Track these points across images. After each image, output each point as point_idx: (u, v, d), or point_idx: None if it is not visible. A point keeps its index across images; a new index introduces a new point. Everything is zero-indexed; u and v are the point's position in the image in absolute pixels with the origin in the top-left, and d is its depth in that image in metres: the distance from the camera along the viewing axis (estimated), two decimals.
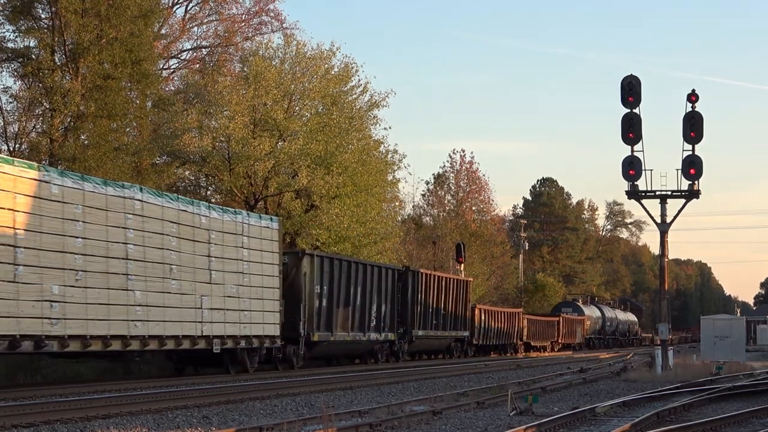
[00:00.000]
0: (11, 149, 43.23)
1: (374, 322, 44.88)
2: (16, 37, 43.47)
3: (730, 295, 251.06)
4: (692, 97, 42.22)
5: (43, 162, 43.44)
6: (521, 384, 32.99)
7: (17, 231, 23.96)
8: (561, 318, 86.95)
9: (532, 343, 77.51)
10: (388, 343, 47.50)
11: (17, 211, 24.03)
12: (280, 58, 52.59)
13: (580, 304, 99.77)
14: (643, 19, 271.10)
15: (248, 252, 33.81)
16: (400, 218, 69.89)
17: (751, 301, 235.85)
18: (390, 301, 46.67)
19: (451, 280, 56.90)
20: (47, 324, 24.68)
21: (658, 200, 42.82)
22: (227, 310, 32.43)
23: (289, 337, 37.41)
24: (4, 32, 43.42)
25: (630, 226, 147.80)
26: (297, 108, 52.36)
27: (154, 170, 47.73)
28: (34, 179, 24.74)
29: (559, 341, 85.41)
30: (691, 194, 42.45)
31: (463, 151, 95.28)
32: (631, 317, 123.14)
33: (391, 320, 46.97)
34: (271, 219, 36.00)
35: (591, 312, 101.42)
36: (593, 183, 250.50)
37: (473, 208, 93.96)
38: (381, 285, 45.56)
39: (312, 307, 38.73)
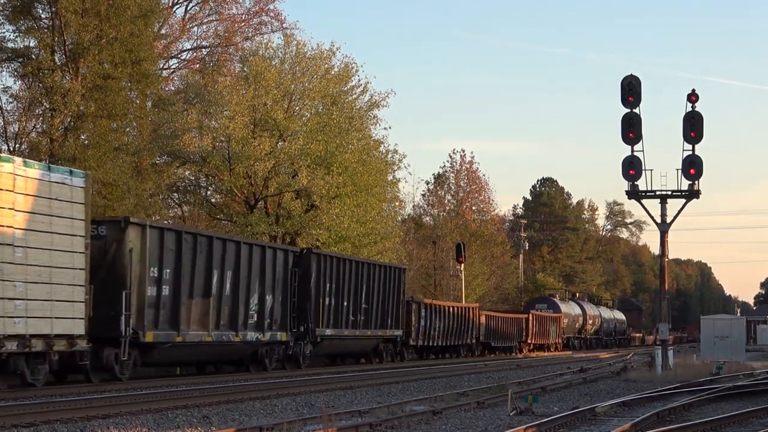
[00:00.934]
0: (11, 149, 43.23)
1: (254, 318, 35.72)
2: (16, 37, 43.52)
3: (730, 295, 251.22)
4: (692, 97, 42.24)
5: (44, 162, 43.49)
6: (521, 384, 32.99)
7: None
8: (530, 315, 77.33)
9: (493, 344, 68.30)
10: (281, 346, 38.01)
11: None
12: (280, 58, 52.64)
13: (557, 300, 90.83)
14: (643, 19, 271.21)
15: (23, 217, 24.42)
16: (400, 218, 69.90)
17: (751, 301, 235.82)
18: (281, 291, 37.62)
19: (377, 266, 46.49)
20: None
21: (658, 200, 42.83)
22: None
23: (105, 338, 28.05)
24: (4, 32, 43.47)
25: (630, 226, 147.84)
26: (297, 108, 52.40)
27: (154, 170, 47.73)
28: None
29: (529, 341, 76.14)
30: (691, 194, 42.45)
31: (463, 151, 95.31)
32: (619, 316, 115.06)
33: (283, 315, 37.82)
34: (71, 172, 26.65)
35: (569, 309, 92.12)
36: (593, 183, 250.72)
37: (473, 208, 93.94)
38: (266, 270, 36.32)
39: (143, 297, 29.45)
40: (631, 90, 41.81)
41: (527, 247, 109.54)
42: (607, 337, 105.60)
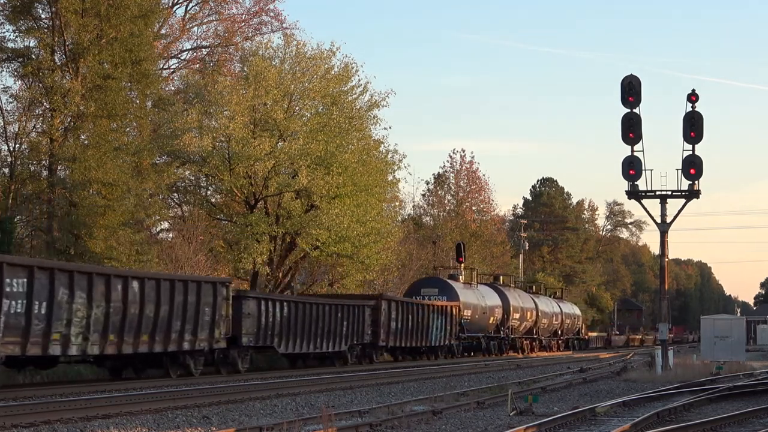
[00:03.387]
0: (11, 149, 43.24)
1: None
2: (16, 37, 43.53)
3: (730, 295, 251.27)
4: (692, 97, 42.25)
5: (44, 162, 43.49)
6: (521, 384, 32.99)
7: None
8: (384, 303, 48.73)
9: (295, 349, 40.79)
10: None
11: None
12: (280, 58, 52.58)
13: (455, 283, 62.58)
14: (643, 19, 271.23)
15: None
16: (400, 218, 69.85)
17: (751, 301, 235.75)
18: None
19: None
20: None
21: (658, 200, 42.84)
22: None
23: None
24: (4, 32, 43.48)
25: (630, 226, 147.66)
26: (297, 108, 52.35)
27: (154, 170, 47.70)
28: None
29: (386, 341, 48.92)
30: (691, 194, 42.45)
31: (463, 151, 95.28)
32: (570, 309, 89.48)
33: None
34: None
35: (476, 298, 63.82)
36: (593, 183, 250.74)
37: (473, 208, 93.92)
38: None
39: None
40: (631, 90, 41.81)
41: (527, 247, 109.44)
42: (549, 337, 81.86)
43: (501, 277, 76.84)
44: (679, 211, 43.09)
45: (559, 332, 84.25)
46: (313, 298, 44.77)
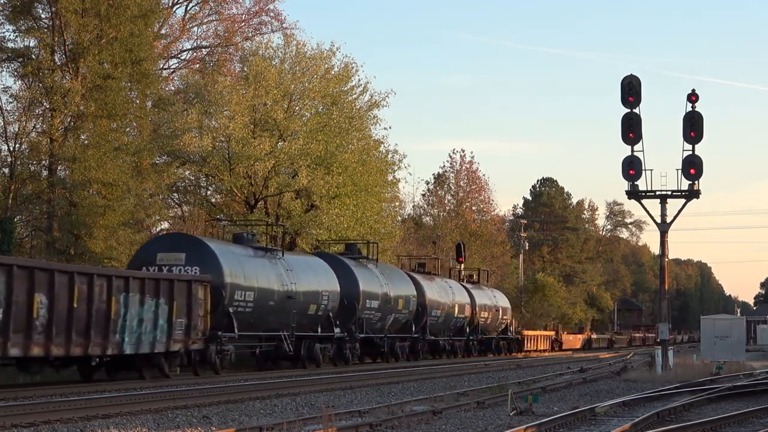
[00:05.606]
0: (11, 149, 43.23)
1: None
2: (16, 37, 43.55)
3: (730, 295, 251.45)
4: (692, 97, 42.25)
5: (44, 162, 43.50)
6: (521, 384, 32.99)
7: None
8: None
9: None
10: None
11: None
12: (280, 58, 52.64)
13: (252, 250, 38.14)
14: (643, 19, 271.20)
15: None
16: (400, 218, 69.86)
17: (751, 301, 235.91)
18: None
19: None
20: None
21: (658, 200, 42.83)
22: None
23: None
24: (4, 32, 43.49)
25: (630, 226, 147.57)
26: (297, 108, 52.39)
27: (154, 170, 47.72)
28: None
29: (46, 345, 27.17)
30: (691, 194, 42.45)
31: (463, 151, 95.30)
32: (497, 301, 66.73)
33: None
34: None
35: (272, 267, 38.32)
36: (593, 183, 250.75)
37: (473, 208, 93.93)
38: None
39: None
40: (631, 90, 41.81)
41: (527, 247, 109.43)
42: (457, 338, 59.27)
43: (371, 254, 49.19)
44: (679, 211, 43.12)
45: (466, 329, 60.65)
46: None
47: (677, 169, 42.47)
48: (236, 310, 34.99)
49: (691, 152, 42.29)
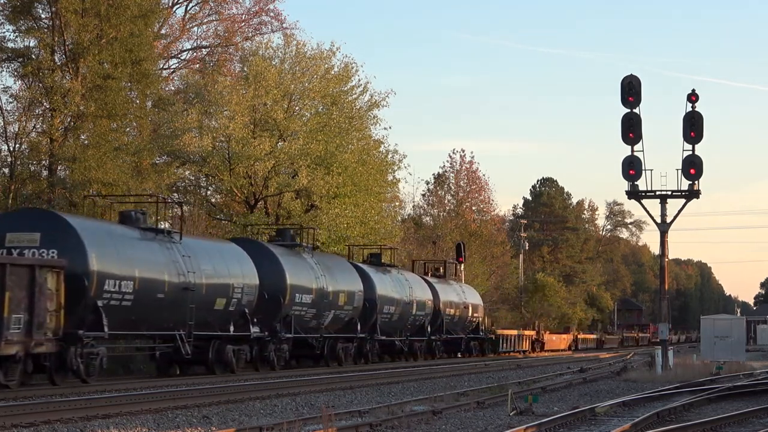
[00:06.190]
0: (11, 149, 43.22)
1: None
2: (16, 37, 43.52)
3: (730, 295, 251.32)
4: (692, 97, 42.24)
5: (44, 162, 43.48)
6: (521, 384, 32.99)
7: None
8: None
9: None
10: None
11: None
12: (280, 58, 52.65)
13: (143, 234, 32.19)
14: (643, 19, 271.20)
15: None
16: (400, 218, 69.85)
17: (751, 301, 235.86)
18: None
19: None
20: None
21: (658, 200, 42.83)
22: None
23: None
24: (4, 32, 43.47)
25: (630, 226, 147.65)
26: (297, 108, 52.41)
27: (154, 170, 47.71)
28: None
29: None
30: (691, 194, 42.45)
31: (463, 151, 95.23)
32: (465, 297, 61.73)
33: None
34: None
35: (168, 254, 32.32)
36: (593, 183, 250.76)
37: (473, 208, 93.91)
38: None
39: None
40: (631, 90, 41.80)
41: (527, 247, 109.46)
42: (406, 338, 52.15)
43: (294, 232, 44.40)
44: (679, 211, 43.12)
45: (428, 327, 54.72)
46: None
47: (677, 169, 42.49)
48: (108, 304, 28.53)
49: (691, 152, 42.29)
